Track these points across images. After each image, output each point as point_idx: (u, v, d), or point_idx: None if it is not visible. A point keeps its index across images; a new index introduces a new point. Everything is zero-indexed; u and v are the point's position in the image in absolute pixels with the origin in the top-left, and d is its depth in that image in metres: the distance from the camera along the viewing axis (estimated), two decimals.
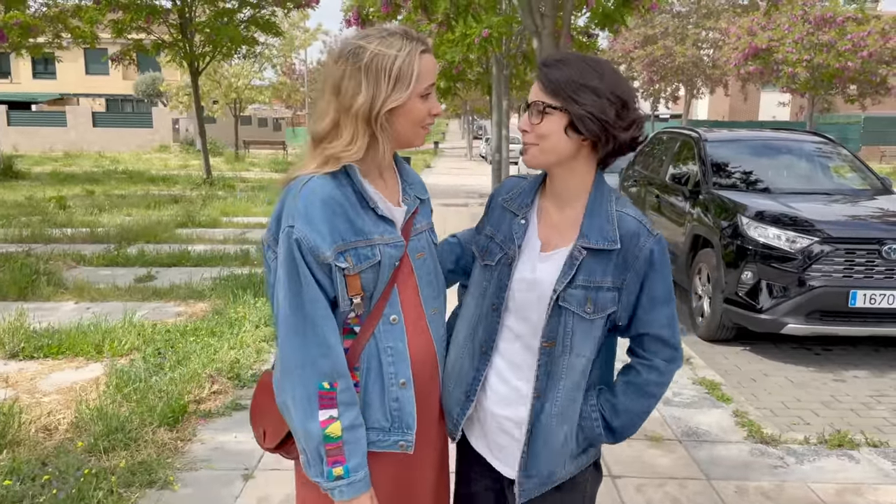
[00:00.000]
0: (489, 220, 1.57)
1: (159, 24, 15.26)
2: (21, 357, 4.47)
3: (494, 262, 1.49)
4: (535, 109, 1.40)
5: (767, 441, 3.49)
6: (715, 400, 4.04)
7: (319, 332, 1.35)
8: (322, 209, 1.36)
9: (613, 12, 6.79)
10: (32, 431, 3.38)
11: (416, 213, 1.52)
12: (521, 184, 1.56)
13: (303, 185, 1.38)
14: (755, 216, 5.24)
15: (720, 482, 3.07)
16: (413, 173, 1.59)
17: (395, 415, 1.44)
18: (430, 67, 1.41)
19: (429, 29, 9.35)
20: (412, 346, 1.47)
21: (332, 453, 1.35)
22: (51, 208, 11.45)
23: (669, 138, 7.70)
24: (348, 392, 1.37)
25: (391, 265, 1.42)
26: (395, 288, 1.45)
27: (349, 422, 1.37)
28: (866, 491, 3.05)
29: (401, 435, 1.45)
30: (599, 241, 1.41)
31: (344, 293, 1.38)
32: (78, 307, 5.72)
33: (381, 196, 1.44)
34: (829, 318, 4.93)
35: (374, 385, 1.43)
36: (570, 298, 1.41)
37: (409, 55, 1.37)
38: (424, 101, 1.41)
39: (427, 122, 1.44)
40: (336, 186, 1.39)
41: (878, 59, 21.28)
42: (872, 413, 4.25)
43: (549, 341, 1.43)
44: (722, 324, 5.41)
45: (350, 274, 1.37)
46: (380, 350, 1.43)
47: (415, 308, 1.49)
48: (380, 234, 1.41)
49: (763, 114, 40.09)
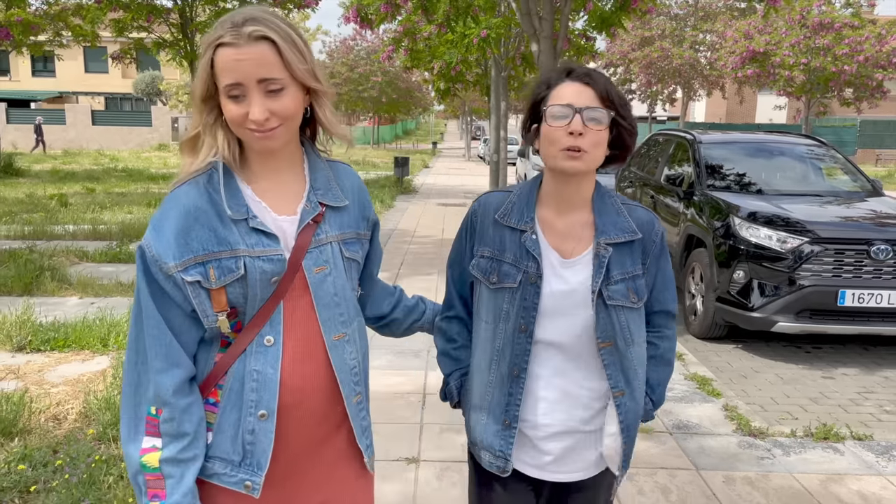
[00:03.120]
0: (482, 239, 1.52)
1: (160, 23, 15.36)
2: (28, 350, 4.57)
3: (517, 283, 1.46)
4: (593, 116, 1.38)
5: (755, 434, 3.60)
6: (706, 395, 4.15)
7: (150, 354, 1.24)
8: (177, 219, 1.24)
9: (610, 16, 6.91)
10: (42, 420, 3.48)
11: (320, 221, 1.35)
12: (508, 198, 1.53)
13: (169, 193, 1.28)
14: (747, 217, 5.36)
15: (708, 472, 3.18)
16: (327, 177, 1.40)
17: (248, 449, 1.29)
18: (224, 63, 1.21)
19: (428, 30, 9.47)
20: (291, 374, 1.30)
21: (151, 485, 1.23)
22: (52, 206, 11.54)
23: (665, 140, 7.82)
24: (172, 423, 1.23)
25: (264, 280, 1.27)
26: (281, 305, 1.30)
27: (170, 454, 1.23)
28: (849, 481, 3.16)
29: (249, 474, 1.29)
30: (620, 234, 1.47)
31: (206, 308, 1.25)
32: (82, 302, 5.82)
33: (260, 204, 1.30)
34: (818, 316, 5.05)
35: (232, 410, 1.28)
36: (616, 294, 1.45)
37: (209, 44, 1.23)
38: (236, 102, 1.22)
39: (246, 126, 1.23)
40: (202, 193, 1.26)
41: (874, 63, 21.43)
42: (860, 409, 4.36)
43: (605, 341, 1.45)
44: (714, 322, 5.53)
45: (213, 288, 1.24)
46: (245, 373, 1.28)
47: (305, 331, 1.32)
48: (248, 246, 1.26)
49: (760, 116, 40.23)
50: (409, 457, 3.20)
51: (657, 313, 1.58)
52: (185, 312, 1.25)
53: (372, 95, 34.27)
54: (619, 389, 1.48)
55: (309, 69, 1.26)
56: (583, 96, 1.40)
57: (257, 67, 1.20)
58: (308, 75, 1.26)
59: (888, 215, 5.44)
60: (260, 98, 1.21)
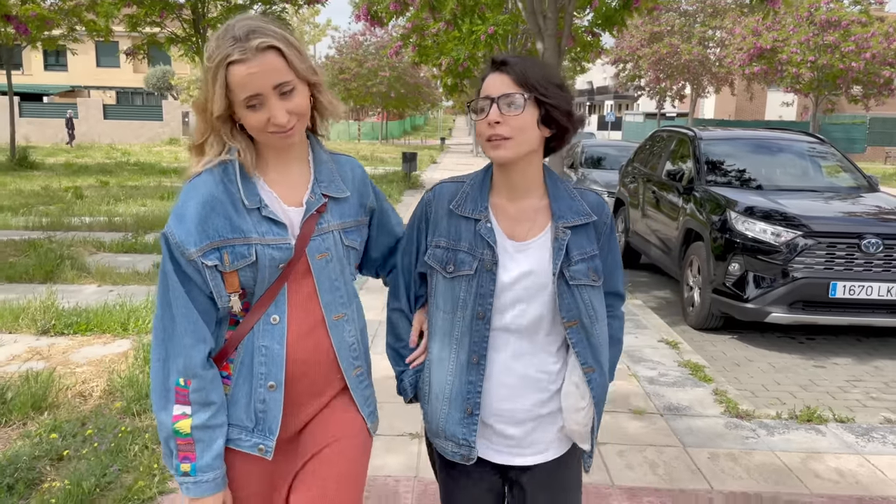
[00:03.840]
0: (437, 229, 1.54)
1: (172, 19, 15.60)
2: (52, 333, 4.80)
3: (473, 270, 1.47)
4: (509, 102, 1.41)
5: (742, 416, 3.78)
6: (697, 380, 4.33)
7: (178, 329, 1.36)
8: (197, 207, 1.35)
9: (614, 15, 7.07)
10: (69, 397, 3.71)
11: (323, 211, 1.46)
12: (461, 188, 1.55)
13: (188, 182, 1.39)
14: (743, 211, 5.52)
15: (694, 449, 3.38)
16: (330, 169, 1.52)
17: (260, 416, 1.43)
18: (240, 79, 1.30)
19: (437, 26, 9.64)
20: (296, 349, 1.43)
21: (183, 448, 1.36)
22: (68, 198, 11.80)
23: (667, 136, 7.98)
24: (202, 392, 1.37)
25: (272, 266, 1.39)
26: (286, 287, 1.43)
27: (201, 421, 1.36)
28: (828, 459, 3.34)
29: (262, 438, 1.43)
30: (576, 217, 1.51)
31: (220, 290, 1.38)
32: (100, 290, 6.06)
33: (271, 194, 1.42)
34: (810, 307, 5.21)
35: (244, 382, 1.42)
36: (578, 274, 1.48)
37: (218, 64, 1.30)
38: (255, 111, 1.33)
39: (269, 129, 1.35)
40: (218, 183, 1.38)
41: (882, 60, 21.44)
42: (847, 396, 4.54)
43: (571, 320, 1.48)
44: (710, 313, 5.70)
45: (226, 271, 1.37)
46: (254, 348, 1.41)
47: (307, 311, 1.45)
48: (259, 234, 1.38)
49: (770, 113, 40.16)
50: (413, 432, 3.41)
51: (608, 294, 1.61)
52: (205, 293, 1.38)
53: (380, 91, 34.47)
54: (588, 366, 1.51)
55: (308, 66, 1.38)
56: (499, 85, 1.43)
57: (271, 76, 1.31)
58: (310, 72, 1.38)
59: (880, 210, 5.60)
60: (278, 103, 1.32)
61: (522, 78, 1.41)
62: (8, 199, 11.48)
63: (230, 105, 1.34)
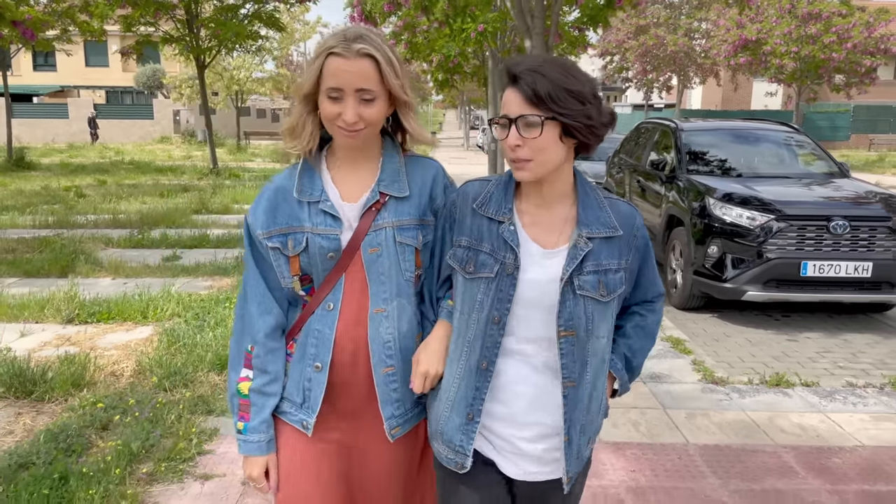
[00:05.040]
0: (461, 229, 1.50)
1: (166, 19, 15.84)
2: (77, 322, 5.13)
3: (493, 273, 1.43)
4: (526, 123, 1.35)
5: (717, 382, 4.17)
6: (678, 352, 4.72)
7: (249, 301, 1.54)
8: (267, 197, 1.53)
9: (597, 13, 7.43)
10: (104, 376, 4.05)
11: (380, 208, 1.52)
12: (486, 187, 1.52)
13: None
14: (721, 198, 5.91)
15: (673, 410, 3.76)
16: (396, 170, 1.57)
17: (307, 394, 1.54)
18: (332, 70, 1.41)
19: (429, 24, 9.97)
20: (345, 336, 1.52)
21: (242, 408, 1.54)
22: (70, 197, 12.07)
23: (651, 128, 8.36)
24: (260, 359, 1.53)
25: (322, 254, 1.50)
26: (343, 278, 1.52)
27: (256, 386, 1.53)
28: (793, 416, 3.73)
29: (306, 414, 1.54)
30: (601, 229, 1.45)
31: (284, 271, 1.52)
32: (115, 282, 6.37)
33: (334, 189, 1.53)
34: (783, 285, 5.61)
35: (299, 361, 1.55)
36: (585, 284, 1.43)
37: (322, 51, 1.43)
38: (334, 103, 1.43)
39: (337, 123, 1.44)
40: (289, 177, 1.54)
41: (863, 49, 21.93)
42: (815, 365, 4.92)
43: (567, 330, 1.43)
44: (692, 293, 6.09)
45: (291, 255, 1.51)
46: (310, 331, 1.53)
47: (358, 301, 1.52)
48: (312, 224, 1.50)
49: (756, 103, 40.69)
50: None
51: (652, 297, 1.62)
52: (275, 272, 1.54)
53: None
54: (570, 380, 1.45)
55: (401, 84, 1.47)
56: (515, 104, 1.37)
57: (358, 79, 1.41)
58: (400, 90, 1.47)
59: (848, 194, 6.00)
60: (354, 104, 1.42)
61: (535, 95, 1.34)
62: (11, 199, 11.74)
63: (316, 91, 1.45)
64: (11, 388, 3.77)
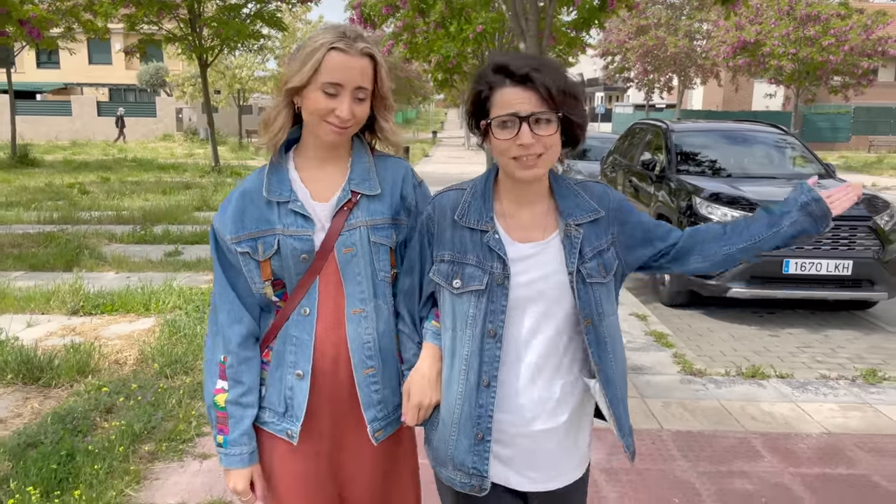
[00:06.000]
0: (441, 243, 1.46)
1: (169, 18, 16.02)
2: (81, 314, 5.31)
3: (484, 285, 1.40)
4: (541, 121, 1.34)
5: (695, 373, 4.35)
6: (660, 346, 4.89)
7: (219, 310, 1.51)
8: (236, 200, 1.50)
9: (591, 16, 7.60)
10: (107, 364, 4.23)
11: (353, 207, 1.49)
12: (461, 197, 1.48)
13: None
14: (708, 197, 6.08)
15: (651, 399, 3.93)
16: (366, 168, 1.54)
17: (289, 402, 1.50)
18: (335, 65, 1.40)
19: (427, 24, 10.14)
20: (325, 341, 1.48)
21: (220, 421, 1.50)
22: (73, 193, 12.26)
23: (643, 129, 8.54)
24: (234, 369, 1.49)
25: (295, 256, 1.46)
26: (317, 281, 1.48)
27: (232, 397, 1.49)
28: (764, 405, 3.91)
29: (289, 423, 1.51)
30: (584, 214, 1.46)
31: (256, 277, 1.49)
32: (118, 276, 6.56)
33: (304, 189, 1.49)
34: (766, 282, 5.78)
35: (277, 369, 1.51)
36: (592, 272, 1.42)
37: (321, 45, 1.40)
38: (329, 98, 1.41)
39: (329, 118, 1.42)
40: (257, 179, 1.51)
41: (860, 51, 22.06)
42: (794, 359, 5.10)
43: (588, 318, 1.42)
44: (678, 290, 6.26)
45: (261, 260, 1.47)
46: (287, 337, 1.49)
47: (334, 303, 1.49)
48: (283, 226, 1.46)
49: (756, 104, 40.79)
50: None
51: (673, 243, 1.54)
52: (245, 278, 1.50)
53: None
54: (596, 365, 1.44)
55: (389, 88, 1.52)
56: (526, 101, 1.34)
57: (359, 76, 1.43)
58: (388, 93, 1.52)
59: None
60: (350, 101, 1.42)
61: (549, 94, 1.34)
62: (16, 195, 11.94)
63: (307, 85, 1.43)
64: (19, 374, 3.96)
